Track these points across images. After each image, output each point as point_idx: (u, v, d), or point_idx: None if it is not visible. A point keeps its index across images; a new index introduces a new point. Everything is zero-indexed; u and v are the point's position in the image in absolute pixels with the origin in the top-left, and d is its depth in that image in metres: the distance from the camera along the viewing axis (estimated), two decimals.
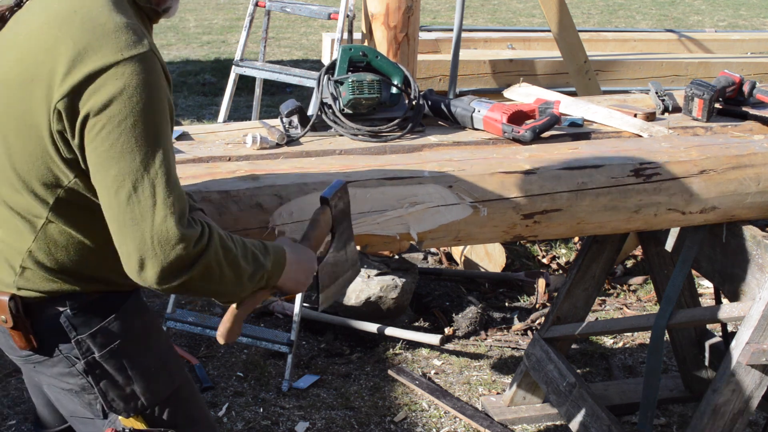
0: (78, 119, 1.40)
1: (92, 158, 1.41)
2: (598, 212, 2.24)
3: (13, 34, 1.53)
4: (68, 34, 1.42)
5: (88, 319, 1.60)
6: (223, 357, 3.56)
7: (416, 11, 3.69)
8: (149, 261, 1.40)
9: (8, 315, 1.56)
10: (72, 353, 1.61)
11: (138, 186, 1.39)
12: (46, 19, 1.46)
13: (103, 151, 1.40)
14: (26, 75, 1.44)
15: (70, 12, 1.45)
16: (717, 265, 2.50)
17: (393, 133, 2.48)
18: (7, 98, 1.47)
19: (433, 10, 12.70)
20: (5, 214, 1.55)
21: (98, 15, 1.44)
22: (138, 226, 1.39)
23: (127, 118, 1.39)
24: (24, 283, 1.56)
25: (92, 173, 1.43)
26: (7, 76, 1.48)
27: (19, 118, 1.45)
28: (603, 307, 4.10)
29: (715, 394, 2.38)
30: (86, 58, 1.39)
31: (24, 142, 1.46)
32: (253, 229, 1.95)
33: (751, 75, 4.49)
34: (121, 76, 1.39)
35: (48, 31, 1.44)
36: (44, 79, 1.41)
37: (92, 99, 1.39)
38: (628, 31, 5.65)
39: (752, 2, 14.73)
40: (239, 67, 3.77)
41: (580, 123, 2.66)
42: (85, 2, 1.46)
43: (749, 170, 2.33)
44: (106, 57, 1.39)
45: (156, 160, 1.41)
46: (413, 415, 3.21)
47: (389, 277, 3.69)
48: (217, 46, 10.17)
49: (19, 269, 1.56)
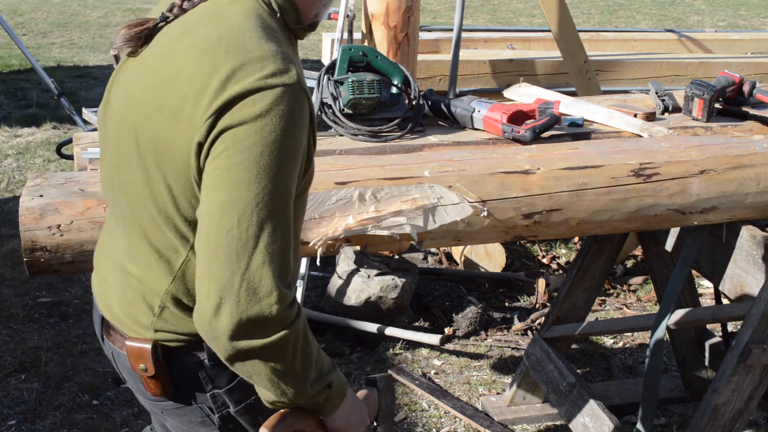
0: (208, 144, 1.27)
1: (207, 180, 1.27)
2: (598, 212, 2.24)
3: (153, 57, 1.40)
4: (212, 62, 1.29)
5: (225, 370, 1.46)
6: None
7: (416, 11, 3.69)
8: (228, 307, 1.22)
9: (150, 364, 1.44)
10: (206, 404, 1.51)
11: (243, 221, 1.23)
12: (190, 44, 1.33)
13: (220, 173, 1.25)
14: (167, 104, 1.32)
15: (215, 38, 1.31)
16: (717, 265, 2.50)
17: (393, 133, 2.48)
18: (147, 128, 1.35)
19: (433, 10, 12.69)
20: (143, 250, 1.42)
21: (246, 41, 1.30)
22: (229, 265, 1.22)
23: (254, 146, 1.24)
24: (162, 325, 1.44)
25: (201, 195, 1.28)
26: (145, 103, 1.36)
27: (159, 149, 1.33)
28: (603, 307, 4.10)
29: (715, 394, 2.38)
30: (229, 85, 1.26)
31: (165, 175, 1.34)
32: None
33: (751, 75, 4.49)
34: (259, 102, 1.25)
35: (191, 58, 1.32)
36: (187, 109, 1.29)
37: (224, 123, 1.25)
38: (628, 31, 5.65)
39: (752, 2, 14.73)
40: None
41: (580, 123, 2.66)
42: (232, 27, 1.32)
43: (749, 170, 2.33)
44: (249, 84, 1.25)
45: (273, 199, 1.25)
46: (413, 415, 3.21)
47: (389, 277, 3.69)
48: None
49: (157, 309, 1.43)
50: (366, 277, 3.68)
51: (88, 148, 2.30)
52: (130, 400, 3.22)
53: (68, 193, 1.91)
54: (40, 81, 6.29)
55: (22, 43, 5.33)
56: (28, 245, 1.82)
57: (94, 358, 3.49)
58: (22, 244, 1.82)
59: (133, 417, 3.13)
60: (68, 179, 1.99)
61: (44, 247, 1.83)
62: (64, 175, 2.03)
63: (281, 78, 1.27)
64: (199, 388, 1.49)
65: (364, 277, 3.68)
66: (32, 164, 5.80)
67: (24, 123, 6.70)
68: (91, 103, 6.89)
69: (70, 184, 1.96)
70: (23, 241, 1.82)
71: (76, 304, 3.95)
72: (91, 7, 12.67)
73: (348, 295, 3.67)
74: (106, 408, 3.19)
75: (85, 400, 3.21)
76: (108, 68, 8.49)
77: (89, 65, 8.95)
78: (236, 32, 1.32)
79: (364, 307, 3.66)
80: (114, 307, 1.52)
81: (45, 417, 3.11)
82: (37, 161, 5.87)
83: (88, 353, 3.53)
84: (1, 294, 4.00)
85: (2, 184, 5.44)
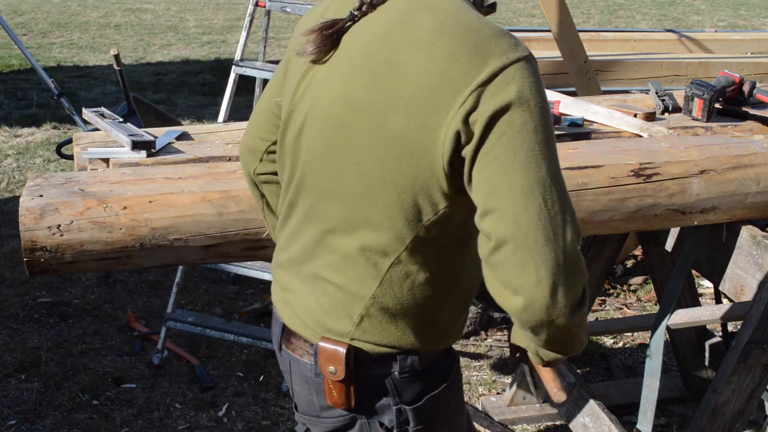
0: (473, 132, 1.24)
1: (487, 171, 1.24)
2: (598, 212, 2.24)
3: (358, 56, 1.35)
4: (446, 48, 1.26)
5: (414, 386, 1.44)
6: (223, 357, 3.56)
7: None
8: (563, 287, 1.22)
9: (342, 367, 1.40)
10: (386, 417, 1.45)
11: (548, 199, 1.22)
12: (409, 35, 1.30)
13: (505, 158, 1.23)
14: (399, 98, 1.28)
15: (438, 24, 1.28)
16: (717, 265, 2.49)
17: None
18: (376, 126, 1.31)
19: None
20: (349, 257, 1.39)
21: (470, 23, 1.28)
22: (551, 246, 1.21)
23: (527, 124, 1.23)
24: (360, 334, 1.41)
25: (486, 190, 1.25)
26: (367, 102, 1.32)
27: (391, 146, 1.30)
28: (603, 307, 4.10)
29: (715, 394, 2.38)
30: (475, 68, 1.24)
31: (396, 172, 1.31)
32: (253, 229, 1.95)
33: (751, 75, 4.48)
34: (512, 80, 1.23)
35: (417, 48, 1.28)
36: (428, 99, 1.26)
37: (485, 108, 1.23)
38: (628, 31, 5.64)
39: (752, 2, 14.73)
40: (239, 67, 3.76)
41: (580, 123, 2.65)
42: (449, 12, 1.30)
43: (749, 170, 2.33)
44: (496, 64, 1.24)
45: (558, 169, 1.26)
46: None
47: None
48: (217, 46, 10.17)
49: (357, 318, 1.40)
50: None
51: (88, 148, 2.30)
52: (130, 400, 3.22)
53: (68, 193, 1.90)
54: (40, 81, 6.29)
55: (22, 43, 5.33)
56: (28, 245, 1.82)
57: (94, 358, 3.49)
58: (22, 244, 1.82)
59: (133, 417, 3.13)
60: (68, 179, 1.99)
61: (44, 247, 1.83)
62: (64, 175, 2.03)
63: (519, 51, 1.26)
64: (382, 401, 1.44)
65: None
66: (32, 164, 5.80)
67: (24, 123, 6.70)
68: (91, 103, 6.90)
69: (70, 184, 1.96)
70: (23, 241, 1.82)
71: (76, 304, 3.95)
72: (91, 7, 12.68)
73: None
74: (106, 408, 3.19)
75: (85, 400, 3.21)
76: (108, 68, 8.49)
77: (89, 65, 8.95)
78: (456, 15, 1.29)
79: None
80: (300, 315, 1.48)
81: (45, 417, 3.11)
82: (37, 161, 5.87)
83: (88, 353, 3.53)
84: (1, 294, 4.00)
85: (2, 184, 5.44)
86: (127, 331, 3.74)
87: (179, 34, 10.81)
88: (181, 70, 8.75)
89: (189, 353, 3.54)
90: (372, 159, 1.33)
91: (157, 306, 3.94)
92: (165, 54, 9.64)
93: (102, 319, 3.84)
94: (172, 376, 3.41)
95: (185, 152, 2.26)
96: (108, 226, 1.86)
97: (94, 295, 4.05)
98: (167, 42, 10.23)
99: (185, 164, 2.16)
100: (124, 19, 11.89)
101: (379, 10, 1.37)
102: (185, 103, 7.56)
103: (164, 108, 6.65)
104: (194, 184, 1.98)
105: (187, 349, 3.58)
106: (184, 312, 3.51)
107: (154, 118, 4.24)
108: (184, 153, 2.25)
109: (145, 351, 3.59)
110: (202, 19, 12.00)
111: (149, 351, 3.57)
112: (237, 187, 1.97)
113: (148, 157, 2.23)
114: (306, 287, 1.47)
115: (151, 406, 3.21)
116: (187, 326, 3.43)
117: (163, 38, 10.40)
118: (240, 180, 2.03)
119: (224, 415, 3.17)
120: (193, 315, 3.50)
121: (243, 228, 1.93)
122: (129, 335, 3.71)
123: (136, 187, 1.96)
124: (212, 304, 4.00)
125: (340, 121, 1.36)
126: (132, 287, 4.16)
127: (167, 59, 9.35)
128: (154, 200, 1.90)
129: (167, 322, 3.44)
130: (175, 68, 8.86)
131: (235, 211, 1.93)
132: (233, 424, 3.11)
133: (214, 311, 3.93)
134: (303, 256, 1.47)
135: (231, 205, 1.93)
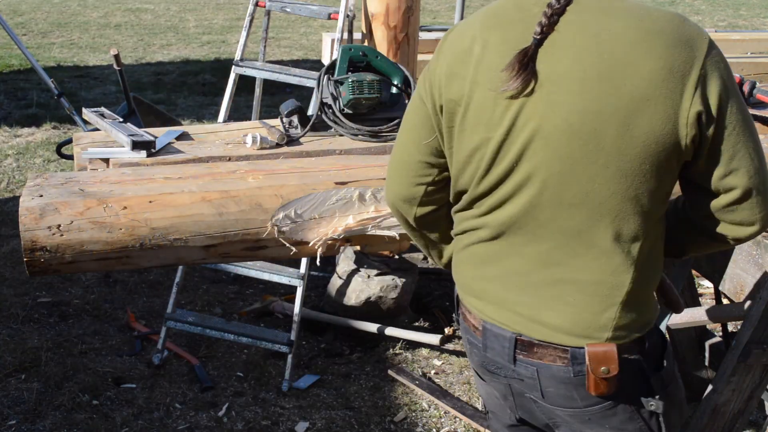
0: (711, 110, 1.42)
1: (731, 139, 1.45)
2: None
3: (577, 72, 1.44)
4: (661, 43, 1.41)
5: (653, 360, 1.58)
6: (223, 357, 3.56)
7: (416, 11, 3.69)
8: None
9: (615, 365, 1.50)
10: (642, 395, 1.57)
11: (762, 154, 1.48)
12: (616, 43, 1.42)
13: (740, 128, 1.45)
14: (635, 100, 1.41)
15: (635, 22, 1.43)
16: (717, 265, 2.49)
17: (393, 133, 2.47)
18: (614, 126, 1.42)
19: (433, 10, 12.70)
20: (603, 252, 1.50)
21: (656, 16, 1.44)
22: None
23: (737, 96, 1.45)
24: (623, 322, 1.52)
25: (730, 153, 1.46)
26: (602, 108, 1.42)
27: (635, 144, 1.42)
28: None
29: (715, 394, 2.38)
30: (689, 54, 1.41)
31: (641, 164, 1.44)
32: (253, 229, 1.95)
33: (751, 75, 4.48)
34: (717, 55, 1.43)
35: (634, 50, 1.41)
36: (658, 89, 1.40)
37: (713, 87, 1.42)
38: None
39: (752, 2, 14.73)
40: (239, 67, 3.76)
41: None
42: (633, 11, 1.45)
43: None
44: (701, 45, 1.42)
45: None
46: (413, 415, 3.21)
47: (389, 277, 3.69)
48: (217, 46, 10.17)
49: (617, 310, 1.51)
50: (366, 277, 3.68)
51: (88, 148, 2.31)
52: (130, 400, 3.22)
53: (68, 193, 1.91)
54: (40, 81, 6.29)
55: (22, 43, 5.33)
56: (28, 245, 1.82)
57: (94, 358, 3.49)
58: (22, 244, 1.82)
59: (133, 417, 3.13)
60: (68, 179, 1.99)
61: (44, 247, 1.83)
62: (64, 175, 2.03)
63: (699, 27, 1.45)
64: (637, 379, 1.56)
65: (364, 277, 3.68)
66: (32, 164, 5.80)
67: (24, 123, 6.71)
68: (91, 103, 6.90)
69: (70, 184, 1.96)
70: (23, 241, 1.82)
71: (76, 304, 3.95)
72: (91, 7, 12.68)
73: (348, 295, 3.67)
74: (106, 408, 3.19)
75: (85, 400, 3.21)
76: (108, 68, 8.49)
77: (89, 65, 8.95)
78: (640, 12, 1.44)
79: (364, 307, 3.65)
80: (545, 323, 1.54)
81: (45, 417, 3.11)
82: (37, 161, 5.87)
83: (88, 353, 3.53)
84: (1, 294, 4.00)
85: (2, 184, 5.44)
86: (127, 331, 3.74)
87: (179, 34, 10.81)
88: (181, 70, 8.75)
89: (189, 353, 3.54)
90: (622, 159, 1.44)
91: (157, 306, 3.94)
92: (165, 54, 9.64)
93: (102, 319, 3.85)
94: (172, 376, 3.41)
95: (185, 152, 2.26)
96: (108, 226, 1.86)
97: (94, 295, 4.05)
98: (167, 42, 10.24)
99: (185, 164, 2.16)
100: (124, 19, 11.90)
101: (561, 23, 1.45)
102: (185, 103, 7.56)
103: (164, 108, 6.65)
104: (194, 184, 1.99)
105: (187, 349, 3.58)
106: (184, 312, 3.51)
107: (154, 118, 4.24)
108: (184, 153, 2.25)
109: (145, 351, 3.59)
110: (202, 19, 12.01)
111: (149, 351, 3.57)
112: (237, 187, 1.97)
113: (148, 157, 2.23)
114: (544, 294, 1.54)
115: (151, 406, 3.21)
116: (187, 326, 3.43)
117: (163, 38, 10.40)
118: (240, 180, 2.03)
119: (224, 415, 3.17)
120: (193, 315, 3.50)
121: (243, 228, 1.93)
122: (129, 335, 3.71)
123: (136, 187, 1.96)
124: (212, 304, 4.00)
125: (586, 133, 1.44)
126: (132, 287, 4.16)
127: (167, 59, 9.35)
128: (154, 200, 1.91)
129: (167, 322, 3.44)
130: (175, 68, 8.87)
131: (235, 211, 1.93)
132: (233, 424, 3.11)
133: (214, 311, 3.93)
134: (533, 265, 1.54)
135: (231, 205, 1.93)
